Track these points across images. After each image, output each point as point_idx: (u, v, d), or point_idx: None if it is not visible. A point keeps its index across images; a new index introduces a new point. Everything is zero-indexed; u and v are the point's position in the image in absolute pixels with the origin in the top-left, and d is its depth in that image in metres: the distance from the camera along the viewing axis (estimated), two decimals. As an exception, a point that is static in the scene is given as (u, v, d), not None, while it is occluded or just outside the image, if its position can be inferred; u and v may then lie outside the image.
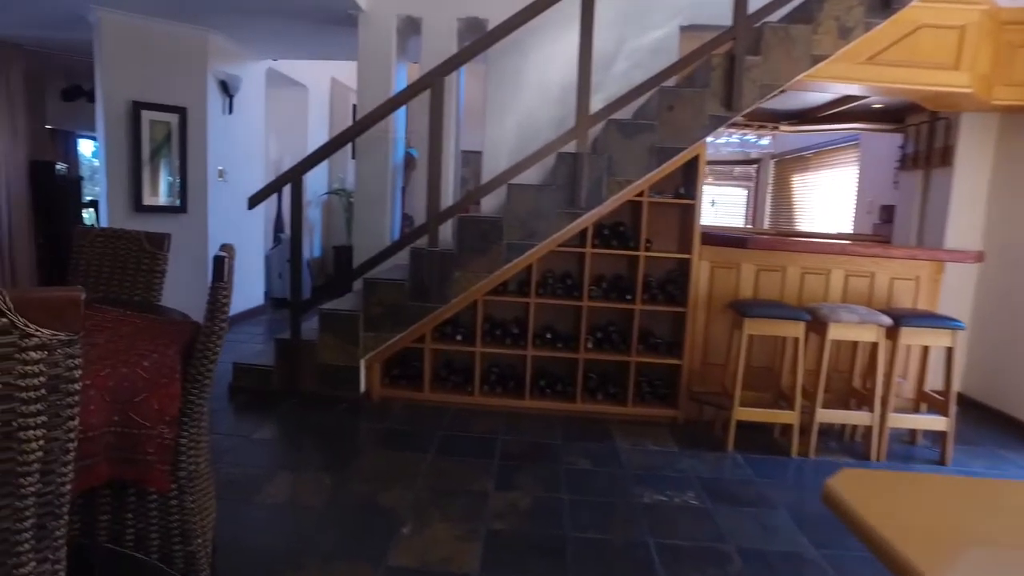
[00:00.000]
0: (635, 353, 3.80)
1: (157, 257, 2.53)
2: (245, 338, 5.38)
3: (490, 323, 3.99)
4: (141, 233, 2.57)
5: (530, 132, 4.46)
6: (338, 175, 7.84)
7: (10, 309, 1.03)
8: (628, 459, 3.27)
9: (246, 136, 5.91)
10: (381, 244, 4.52)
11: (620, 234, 3.86)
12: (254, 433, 3.37)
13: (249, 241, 6.13)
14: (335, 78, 7.84)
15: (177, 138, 5.07)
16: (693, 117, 3.53)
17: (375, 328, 3.77)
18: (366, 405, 3.85)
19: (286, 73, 6.55)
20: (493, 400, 3.88)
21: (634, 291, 3.80)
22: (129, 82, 4.87)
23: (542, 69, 4.50)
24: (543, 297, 3.85)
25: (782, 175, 8.71)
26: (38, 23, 5.27)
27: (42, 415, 1.11)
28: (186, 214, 5.21)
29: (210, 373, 1.78)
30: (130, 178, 4.94)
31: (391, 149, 4.69)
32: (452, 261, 3.66)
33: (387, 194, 4.67)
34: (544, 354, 3.85)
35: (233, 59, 5.56)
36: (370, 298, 3.74)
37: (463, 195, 4.55)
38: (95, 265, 2.61)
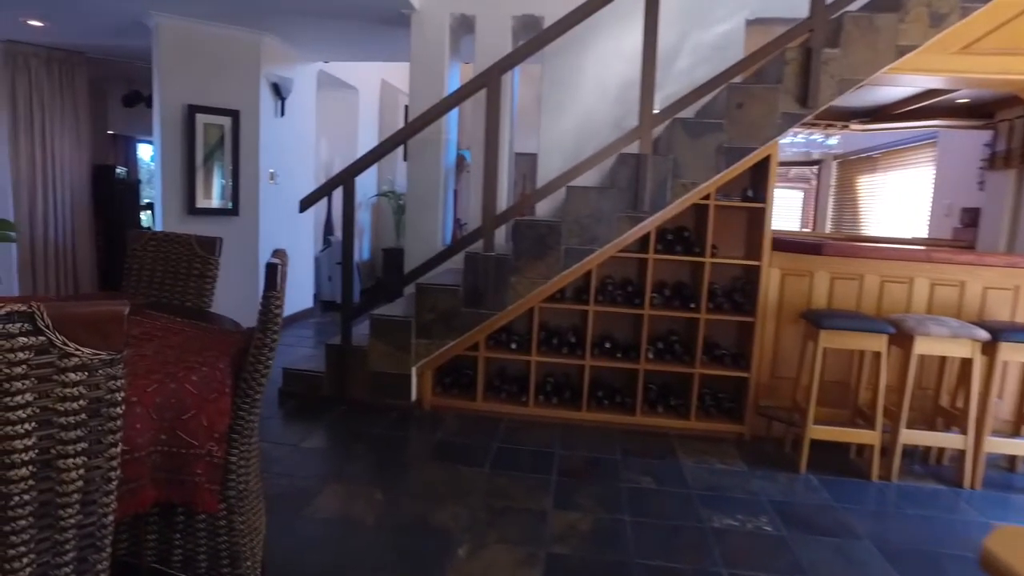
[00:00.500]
0: (699, 364, 3.59)
1: (208, 262, 2.46)
2: (294, 341, 5.35)
3: (546, 331, 3.84)
4: (192, 237, 2.51)
5: (587, 133, 4.30)
6: (387, 177, 7.81)
7: (48, 326, 0.93)
8: (693, 478, 3.08)
9: (297, 138, 5.90)
10: (433, 248, 4.42)
11: (684, 239, 3.66)
12: (303, 441, 3.29)
13: (299, 243, 6.13)
14: (385, 80, 7.82)
15: (230, 141, 5.08)
16: (764, 115, 3.32)
17: (427, 335, 3.66)
18: (417, 414, 3.74)
19: (337, 75, 6.54)
20: (548, 411, 3.73)
21: (698, 299, 3.59)
22: (184, 86, 4.90)
23: (600, 67, 4.34)
24: (602, 304, 3.68)
25: (846, 176, 8.31)
26: (100, 31, 5.36)
27: (82, 441, 1.01)
28: (238, 217, 5.21)
29: (261, 388, 1.68)
30: (184, 181, 4.97)
31: (443, 151, 4.59)
32: (508, 266, 3.52)
33: (439, 197, 4.57)
34: (602, 364, 3.68)
35: (285, 62, 5.55)
36: (422, 304, 3.64)
37: (517, 198, 4.42)
38: (147, 270, 2.56)
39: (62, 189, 6.11)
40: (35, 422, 0.96)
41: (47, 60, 5.98)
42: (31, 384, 0.94)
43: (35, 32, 5.55)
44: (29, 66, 5.90)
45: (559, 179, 3.44)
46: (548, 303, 3.66)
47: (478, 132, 4.37)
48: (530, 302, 3.60)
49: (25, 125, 5.92)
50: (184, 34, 4.86)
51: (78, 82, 6.15)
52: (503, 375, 3.96)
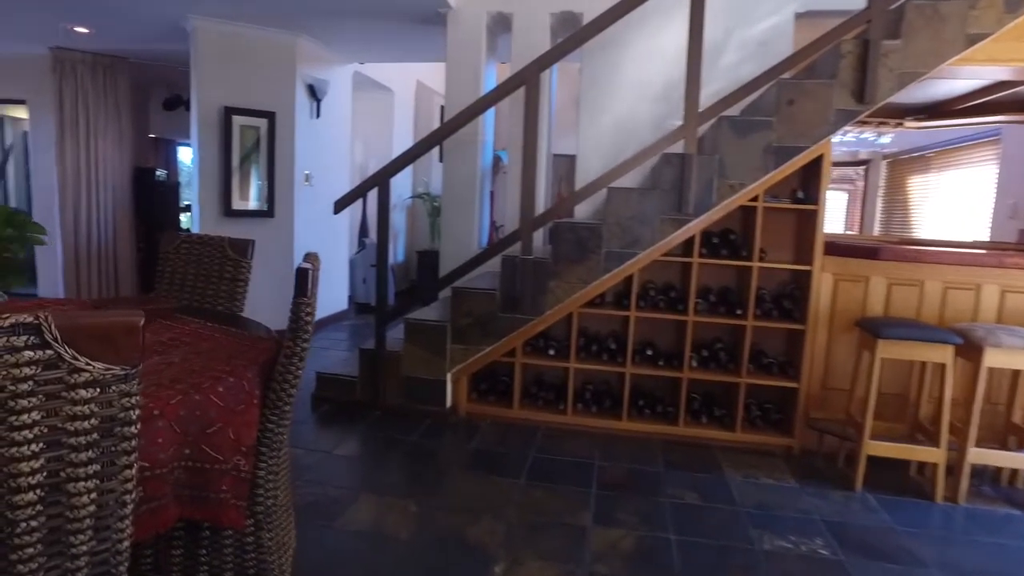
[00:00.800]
0: (745, 373, 3.43)
1: (240, 265, 2.41)
2: (328, 344, 5.32)
3: (585, 337, 3.72)
4: (225, 239, 2.46)
5: (628, 132, 4.16)
6: (422, 179, 7.77)
7: (56, 339, 0.85)
8: (740, 494, 2.92)
9: (332, 140, 5.88)
10: (468, 250, 4.34)
11: (730, 242, 3.50)
12: (336, 448, 3.22)
13: (334, 245, 6.10)
14: (420, 81, 7.78)
15: (265, 143, 5.07)
16: (817, 112, 3.14)
17: (463, 340, 3.56)
18: (452, 421, 3.65)
19: (372, 77, 6.51)
20: (587, 420, 3.60)
21: (745, 305, 3.43)
22: (221, 88, 4.90)
23: (640, 65, 4.19)
24: (644, 310, 3.54)
25: (896, 176, 7.98)
26: (142, 36, 5.41)
27: (94, 463, 0.93)
28: (273, 218, 5.20)
29: (291, 398, 1.60)
30: (220, 183, 4.97)
31: (479, 152, 4.50)
32: (546, 270, 3.41)
33: (475, 199, 4.48)
34: (643, 372, 3.54)
35: (321, 63, 5.54)
36: (458, 308, 3.54)
37: (555, 200, 4.31)
38: (179, 273, 2.52)
39: (104, 191, 6.19)
40: (43, 443, 0.88)
41: (92, 65, 6.07)
42: (38, 402, 0.86)
43: (81, 39, 5.64)
44: (76, 72, 6.01)
45: (600, 180, 3.32)
46: (587, 308, 3.54)
47: (515, 133, 4.28)
48: (569, 307, 3.48)
49: (71, 128, 6.02)
50: (221, 37, 4.87)
51: (121, 86, 6.24)
52: (540, 382, 3.85)
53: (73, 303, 2.31)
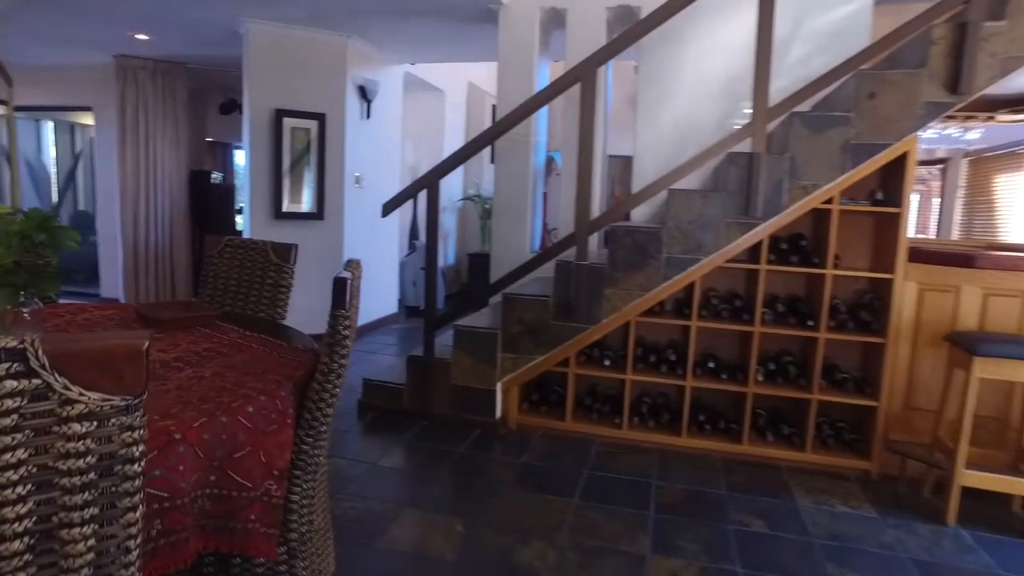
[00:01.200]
0: (816, 389, 3.17)
1: (283, 270, 2.31)
2: (377, 348, 5.25)
3: (643, 347, 3.52)
4: (268, 244, 2.37)
5: (689, 131, 3.94)
6: (473, 180, 7.67)
7: (44, 366, 0.73)
8: (813, 522, 2.67)
9: (383, 142, 5.82)
10: (520, 254, 4.19)
11: (800, 248, 3.25)
12: (381, 459, 3.12)
13: (384, 248, 6.05)
14: (471, 82, 7.68)
15: (316, 145, 5.04)
16: (902, 106, 2.87)
17: (514, 349, 3.41)
18: (502, 432, 3.50)
19: (423, 77, 6.44)
20: (644, 435, 3.40)
21: (817, 316, 3.17)
22: (272, 90, 4.90)
23: (702, 60, 3.96)
24: (706, 320, 3.31)
25: (980, 175, 7.44)
26: (198, 41, 5.47)
27: (91, 506, 0.81)
28: (322, 221, 5.16)
29: (327, 418, 1.47)
30: (271, 185, 4.96)
31: (532, 153, 4.35)
32: (602, 277, 3.23)
33: (527, 201, 4.33)
34: (705, 385, 3.32)
35: (371, 64, 5.48)
36: (509, 315, 3.40)
37: (610, 203, 4.12)
38: (223, 277, 2.44)
39: (162, 194, 6.30)
40: (31, 484, 0.76)
41: (152, 72, 6.19)
42: (25, 438, 0.75)
43: (142, 46, 5.75)
44: (137, 78, 6.14)
45: (660, 181, 3.12)
46: (645, 317, 3.34)
47: (570, 133, 4.11)
48: (626, 316, 3.29)
49: (131, 133, 6.15)
50: (273, 39, 4.86)
51: (179, 91, 6.34)
52: (595, 394, 3.66)
53: (118, 307, 2.25)
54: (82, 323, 2.02)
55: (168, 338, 1.84)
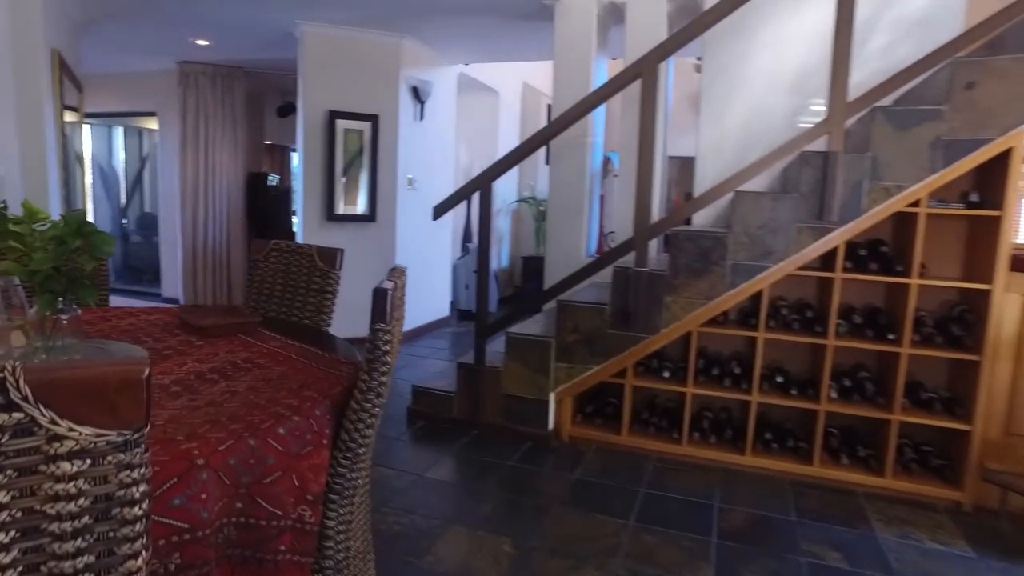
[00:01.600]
0: (898, 409, 2.90)
1: (328, 276, 2.23)
2: (428, 353, 5.18)
3: (705, 359, 3.31)
4: (314, 248, 2.29)
5: (755, 130, 3.70)
6: (528, 182, 7.54)
7: (27, 398, 0.63)
8: (898, 559, 2.43)
9: (436, 143, 5.76)
10: (575, 258, 4.04)
11: (881, 255, 2.99)
12: (429, 470, 3.01)
13: (436, 250, 5.98)
14: (526, 82, 7.56)
15: (368, 146, 5.00)
16: (1008, 96, 2.60)
17: (569, 358, 3.26)
18: (554, 445, 3.35)
19: (477, 78, 6.35)
20: (705, 452, 3.19)
21: (899, 329, 2.91)
22: (326, 92, 4.88)
23: (770, 53, 3.72)
24: (774, 331, 3.09)
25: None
26: (255, 45, 5.53)
27: (86, 554, 0.71)
28: (375, 223, 5.12)
29: (366, 440, 1.36)
30: (324, 187, 4.95)
31: (589, 154, 4.19)
32: (663, 284, 3.05)
33: (583, 204, 4.17)
34: (772, 401, 3.09)
35: (425, 65, 5.42)
36: (564, 323, 3.25)
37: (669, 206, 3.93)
38: (268, 282, 2.38)
39: (220, 197, 6.41)
40: (16, 530, 0.66)
41: (212, 76, 6.30)
42: (7, 479, 0.64)
43: (202, 51, 5.86)
44: (198, 83, 6.25)
45: (727, 183, 2.92)
46: (708, 327, 3.13)
47: (628, 132, 3.94)
48: (687, 325, 3.10)
49: (192, 137, 6.28)
50: (327, 41, 4.85)
51: (237, 95, 6.44)
52: (652, 407, 3.48)
53: (163, 312, 2.21)
54: (126, 329, 1.98)
55: (208, 346, 1.77)
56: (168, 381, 1.44)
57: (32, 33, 3.51)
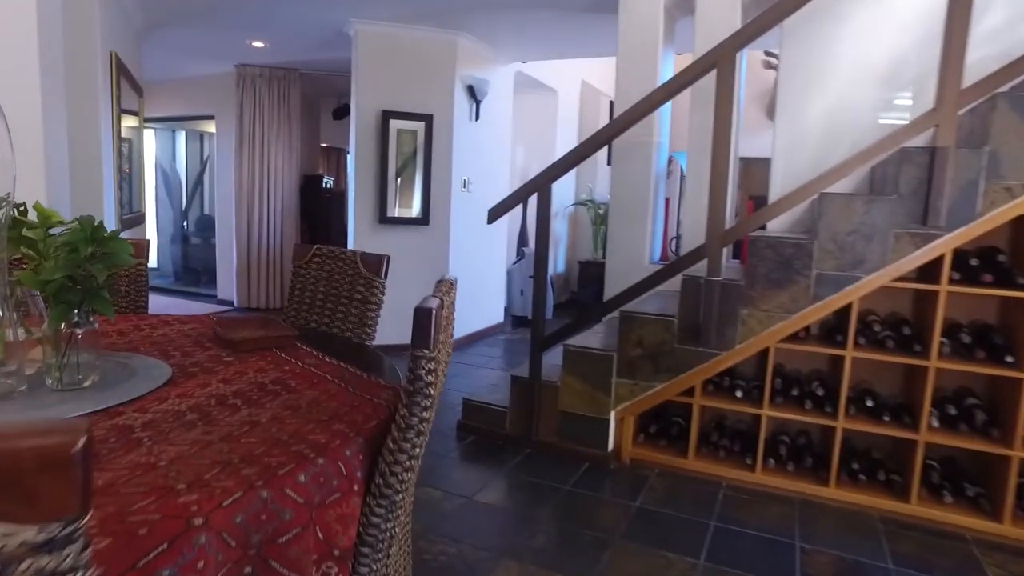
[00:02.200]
0: (1018, 443, 2.53)
1: (373, 285, 2.04)
2: (481, 361, 4.98)
3: (783, 378, 3.00)
4: (358, 254, 2.11)
5: (841, 125, 3.36)
6: (586, 184, 7.29)
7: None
8: (1019, 619, 2.08)
9: (492, 144, 5.57)
10: (638, 265, 3.78)
11: (997, 265, 2.62)
12: (479, 492, 2.80)
13: (491, 255, 5.79)
14: (586, 81, 7.30)
15: (422, 147, 4.85)
16: None
17: (632, 374, 3.01)
18: (614, 467, 3.10)
19: (535, 76, 6.14)
20: (782, 480, 2.88)
21: (1018, 351, 2.54)
22: (380, 91, 4.76)
23: (861, 39, 3.38)
24: (864, 349, 2.75)
25: None
26: (309, 46, 5.47)
27: None
28: (428, 226, 4.97)
29: (404, 484, 1.15)
30: (376, 189, 4.83)
31: (654, 154, 3.91)
32: (738, 295, 2.76)
33: (647, 207, 3.90)
34: (861, 427, 2.76)
35: (482, 63, 5.24)
36: (626, 336, 2.99)
37: (742, 210, 3.62)
38: (310, 290, 2.22)
39: (274, 199, 6.39)
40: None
41: (268, 79, 6.29)
42: None
43: (258, 53, 5.85)
44: (255, 86, 6.25)
45: (813, 184, 2.61)
46: (787, 343, 2.83)
47: (698, 130, 3.66)
48: (764, 341, 2.80)
49: (248, 139, 6.28)
50: (381, 39, 4.72)
51: (292, 97, 6.41)
52: (722, 428, 3.18)
53: (200, 321, 2.08)
54: (158, 340, 1.84)
55: (238, 363, 1.60)
56: (185, 407, 1.27)
57: (87, 33, 3.48)
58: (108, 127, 3.78)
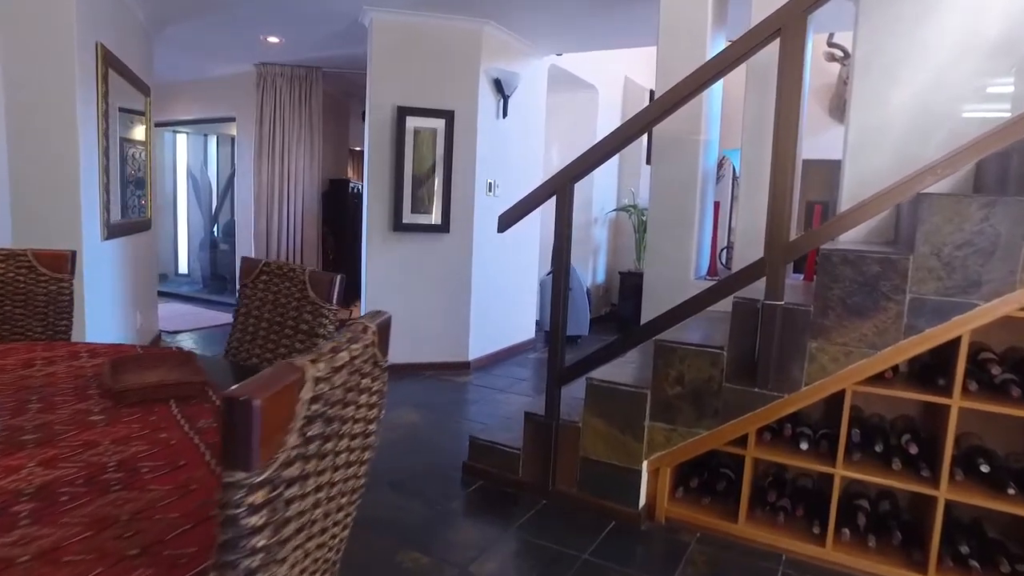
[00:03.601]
0: None
1: (321, 313, 1.57)
2: (504, 384, 4.47)
3: (862, 428, 2.38)
4: (306, 272, 1.64)
5: (931, 116, 2.74)
6: (629, 188, 6.71)
7: None
8: None
9: (522, 144, 5.07)
10: (682, 281, 3.22)
11: None
12: (476, 560, 2.28)
13: (520, 265, 5.28)
14: (629, 78, 6.74)
15: (442, 146, 4.39)
16: None
17: (669, 417, 2.45)
18: (646, 529, 2.54)
19: (572, 71, 5.62)
20: (861, 560, 2.27)
21: None
22: (395, 85, 4.33)
23: (958, 7, 2.75)
24: (975, 396, 2.13)
25: None
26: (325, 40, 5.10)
27: None
28: (448, 234, 4.50)
29: None
30: (391, 193, 4.38)
31: (702, 152, 3.35)
32: (806, 324, 2.18)
33: (693, 213, 3.33)
34: (971, 501, 2.13)
35: (510, 55, 4.76)
36: (664, 370, 2.44)
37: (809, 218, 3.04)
38: (254, 316, 1.76)
39: (294, 204, 6.05)
40: None
41: (289, 78, 5.96)
42: None
43: (278, 52, 5.52)
44: (275, 85, 5.93)
45: (907, 183, 2.02)
46: (869, 385, 2.22)
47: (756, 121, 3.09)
48: (839, 382, 2.20)
49: (267, 141, 5.96)
50: (398, 28, 4.29)
51: (314, 97, 6.06)
52: (782, 485, 2.59)
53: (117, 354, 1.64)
54: (29, 383, 1.42)
55: (104, 425, 1.16)
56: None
57: (63, 22, 3.14)
58: (91, 124, 3.44)
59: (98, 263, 3.52)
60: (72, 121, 3.20)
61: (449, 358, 4.63)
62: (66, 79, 3.16)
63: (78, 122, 3.21)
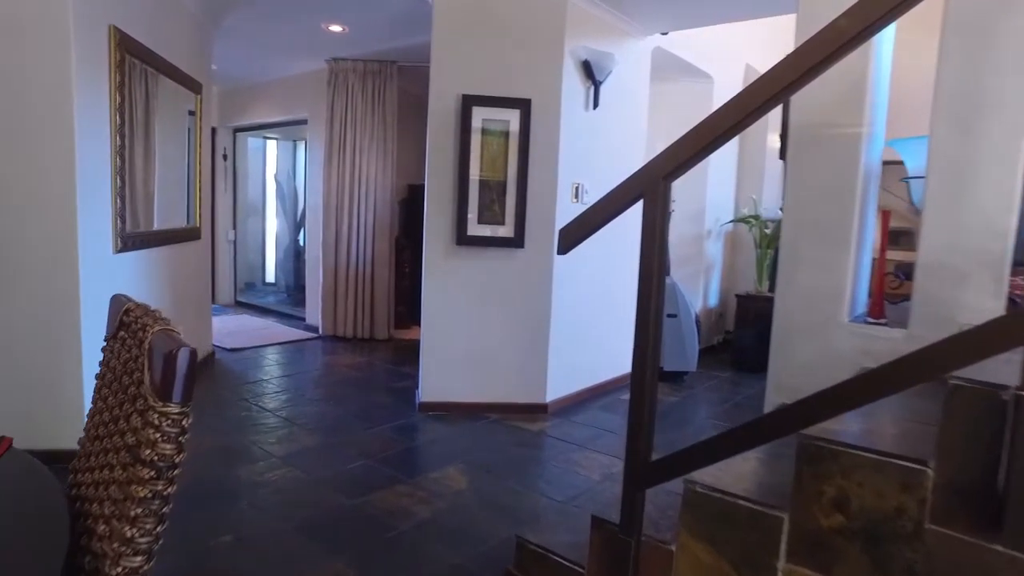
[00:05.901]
0: None
1: (148, 420, 0.80)
2: (585, 437, 3.59)
3: None
4: (150, 334, 0.89)
5: None
6: (750, 195, 5.66)
7: None
8: None
9: (618, 140, 4.20)
10: (829, 324, 2.26)
11: None
12: None
13: (615, 287, 4.37)
14: (751, 66, 5.68)
15: (516, 142, 3.62)
16: None
17: (821, 562, 1.51)
18: None
19: (681, 56, 4.70)
20: None
21: None
22: (461, 71, 3.61)
23: None
24: None
25: None
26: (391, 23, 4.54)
27: None
28: (523, 249, 3.71)
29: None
30: (454, 200, 3.66)
31: (862, 146, 2.37)
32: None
33: (850, 228, 2.35)
34: None
35: (603, 33, 3.92)
36: (812, 484, 1.51)
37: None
38: (101, 394, 1.03)
39: (366, 210, 5.50)
40: None
41: (362, 74, 5.43)
42: None
43: (344, 43, 5.03)
44: (347, 83, 5.42)
45: None
46: None
47: (949, 87, 2.09)
48: None
49: (338, 144, 5.47)
50: (464, 4, 3.58)
51: (388, 93, 5.47)
52: None
53: None
54: None
55: None
56: None
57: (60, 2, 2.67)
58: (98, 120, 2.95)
59: (107, 279, 3.02)
60: (68, 115, 2.70)
61: (521, 399, 3.83)
62: (60, 66, 2.68)
63: (75, 116, 2.71)
